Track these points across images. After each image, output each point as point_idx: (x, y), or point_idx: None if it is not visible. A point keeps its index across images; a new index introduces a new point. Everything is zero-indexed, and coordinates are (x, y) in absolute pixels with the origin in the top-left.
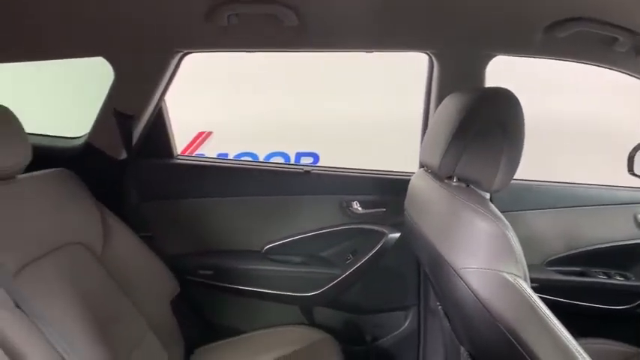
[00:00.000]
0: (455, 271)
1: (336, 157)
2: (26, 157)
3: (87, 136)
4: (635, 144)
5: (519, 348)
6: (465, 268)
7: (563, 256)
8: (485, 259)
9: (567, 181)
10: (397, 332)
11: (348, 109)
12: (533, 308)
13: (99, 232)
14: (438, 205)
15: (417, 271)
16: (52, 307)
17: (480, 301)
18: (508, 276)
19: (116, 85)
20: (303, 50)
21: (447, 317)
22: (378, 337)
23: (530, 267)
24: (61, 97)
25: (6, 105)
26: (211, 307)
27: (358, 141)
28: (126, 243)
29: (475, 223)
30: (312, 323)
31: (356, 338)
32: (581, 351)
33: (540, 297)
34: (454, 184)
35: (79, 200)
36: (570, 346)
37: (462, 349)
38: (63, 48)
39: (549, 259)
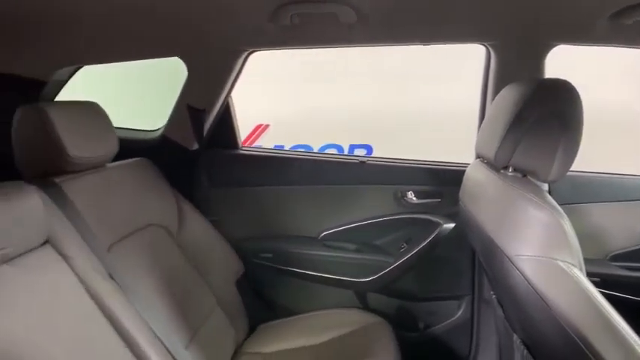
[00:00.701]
0: (508, 258)
1: (389, 149)
2: (114, 148)
3: (163, 129)
4: None
5: (572, 335)
6: (518, 255)
7: (628, 251)
8: (539, 247)
9: (631, 173)
10: (450, 320)
11: (402, 100)
12: (587, 296)
13: (174, 216)
14: (494, 194)
15: (472, 261)
16: (137, 279)
17: (533, 288)
18: (562, 264)
19: (189, 82)
20: (361, 45)
21: (501, 306)
22: (431, 324)
23: (592, 261)
24: (139, 94)
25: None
26: (272, 288)
27: (410, 132)
28: (197, 226)
29: (530, 212)
30: (366, 308)
31: (408, 324)
32: None
33: (603, 292)
34: (510, 174)
35: (157, 187)
36: (628, 336)
37: (515, 336)
38: (145, 49)
39: (613, 253)
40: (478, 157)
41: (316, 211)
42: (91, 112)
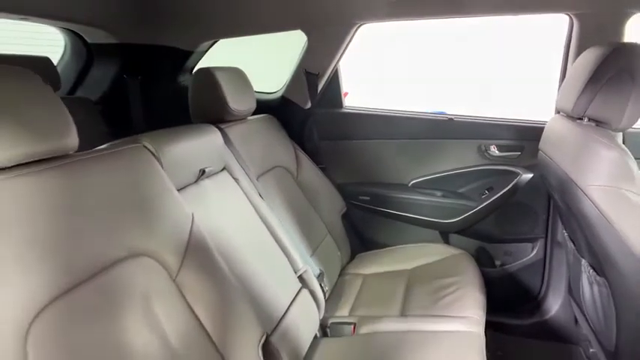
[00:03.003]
0: (581, 189)
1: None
2: (254, 105)
3: (283, 90)
4: None
5: (634, 252)
6: (590, 185)
7: None
8: (608, 178)
9: None
10: (524, 260)
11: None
12: None
13: (293, 161)
14: (571, 139)
15: (547, 208)
16: (275, 203)
17: (600, 211)
18: (627, 192)
19: (308, 51)
20: (459, 16)
21: (572, 241)
22: (506, 262)
23: None
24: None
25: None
26: (368, 225)
27: (484, 99)
28: (310, 171)
29: (601, 151)
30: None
31: (486, 261)
32: None
33: None
34: (585, 123)
35: (280, 137)
36: None
37: (583, 261)
38: (274, 23)
39: None
40: (557, 112)
41: (408, 162)
42: (239, 75)
